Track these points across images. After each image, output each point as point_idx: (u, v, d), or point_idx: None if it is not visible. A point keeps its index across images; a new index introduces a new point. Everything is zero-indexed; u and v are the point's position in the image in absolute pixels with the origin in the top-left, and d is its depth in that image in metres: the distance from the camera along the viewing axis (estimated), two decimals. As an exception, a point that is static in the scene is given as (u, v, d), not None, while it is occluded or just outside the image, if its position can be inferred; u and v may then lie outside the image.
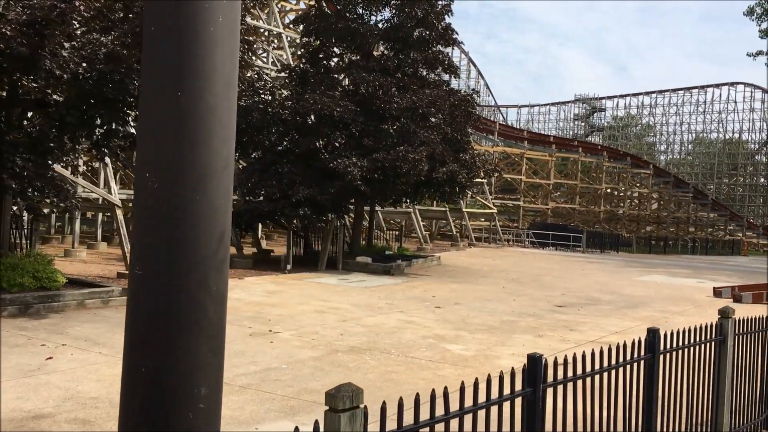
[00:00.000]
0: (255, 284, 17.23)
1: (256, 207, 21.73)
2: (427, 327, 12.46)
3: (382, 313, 13.69)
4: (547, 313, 15.18)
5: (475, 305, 15.84)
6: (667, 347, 5.48)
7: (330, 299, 15.25)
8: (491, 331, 12.47)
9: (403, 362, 9.60)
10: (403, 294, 17.20)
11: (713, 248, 57.26)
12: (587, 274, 26.45)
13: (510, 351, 10.76)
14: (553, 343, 11.66)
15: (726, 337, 6.22)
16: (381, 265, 22.18)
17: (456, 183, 21.47)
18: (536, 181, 52.85)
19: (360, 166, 20.51)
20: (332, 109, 20.85)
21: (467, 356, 10.23)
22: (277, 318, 12.41)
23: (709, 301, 19.84)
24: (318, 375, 8.62)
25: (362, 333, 11.50)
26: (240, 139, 23.14)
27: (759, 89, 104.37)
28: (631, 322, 14.64)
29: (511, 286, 20.49)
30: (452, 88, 24.68)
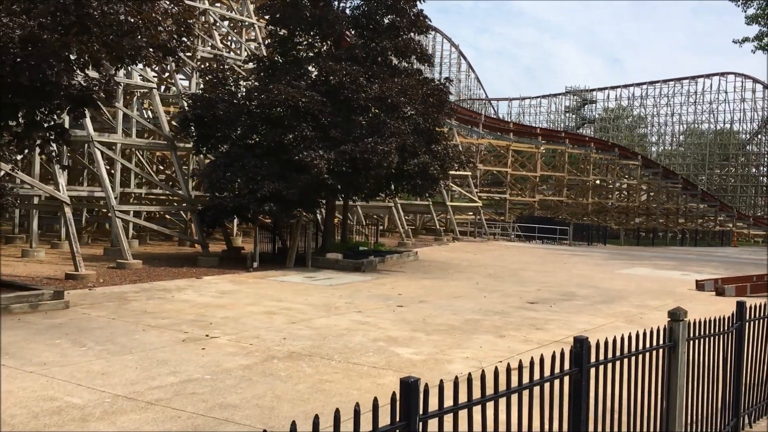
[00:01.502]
0: (211, 284, 16.40)
1: (221, 203, 20.88)
2: (382, 328, 11.66)
3: (338, 314, 12.88)
4: (517, 311, 14.40)
5: (442, 303, 15.05)
6: (601, 359, 4.68)
7: (286, 299, 14.43)
8: (450, 331, 11.67)
9: (343, 369, 8.79)
10: (368, 292, 16.40)
11: (703, 239, 56.61)
12: (568, 268, 25.69)
13: (465, 354, 9.97)
14: (514, 344, 10.87)
15: (677, 343, 5.43)
16: (352, 261, 21.36)
17: (428, 175, 20.63)
18: (523, 174, 52.07)
19: (327, 159, 19.67)
20: (297, 99, 19.99)
21: (416, 361, 9.43)
22: (220, 321, 11.58)
23: (691, 295, 19.12)
24: (242, 387, 7.80)
25: (308, 336, 10.69)
26: (208, 133, 22.34)
27: (750, 79, 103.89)
28: (604, 319, 13.88)
29: (485, 282, 19.71)
30: (426, 78, 23.85)
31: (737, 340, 6.57)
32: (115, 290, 14.53)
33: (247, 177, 20.86)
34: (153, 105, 23.25)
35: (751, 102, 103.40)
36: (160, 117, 22.75)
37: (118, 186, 23.99)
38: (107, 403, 7.01)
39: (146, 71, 22.91)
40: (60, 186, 16.51)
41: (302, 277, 18.87)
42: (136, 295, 13.90)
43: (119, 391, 7.42)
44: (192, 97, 22.18)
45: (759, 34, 35.44)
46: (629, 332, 5.22)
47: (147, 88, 23.25)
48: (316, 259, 21.57)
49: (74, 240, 16.03)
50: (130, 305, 12.70)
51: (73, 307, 12.17)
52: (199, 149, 23.09)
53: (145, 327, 10.79)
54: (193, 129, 22.27)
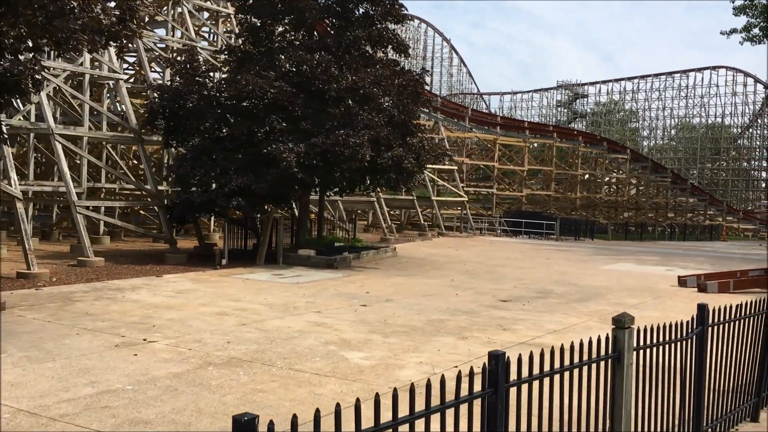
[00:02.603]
0: (169, 283, 15.69)
1: (188, 198, 20.15)
2: (338, 330, 10.99)
3: (295, 314, 12.21)
4: (486, 310, 13.76)
5: (409, 302, 14.40)
6: (525, 376, 4.03)
7: (244, 299, 13.74)
8: (410, 333, 11.02)
9: (283, 377, 8.13)
10: (335, 290, 15.73)
11: (692, 234, 56.16)
12: (550, 264, 25.08)
13: (420, 359, 9.32)
14: (475, 346, 10.23)
15: (622, 353, 4.78)
16: (324, 258, 20.68)
17: (402, 169, 19.94)
18: (510, 168, 51.42)
19: (297, 152, 18.95)
20: (266, 90, 19.26)
21: (364, 367, 8.77)
22: (165, 323, 10.89)
23: (673, 291, 18.54)
24: (163, 398, 7.12)
25: (255, 340, 10.01)
26: (177, 125, 21.60)
27: (741, 73, 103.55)
28: (577, 318, 13.26)
29: (461, 279, 19.07)
30: (403, 68, 23.12)
31: (698, 347, 5.93)
32: (64, 290, 13.81)
33: (216, 171, 20.15)
34: (120, 97, 22.46)
35: (743, 96, 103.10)
36: (127, 109, 21.98)
37: (84, 181, 23.22)
38: (4, 420, 6.33)
39: (113, 62, 22.13)
40: (12, 181, 15.74)
41: (270, 274, 18.18)
42: (84, 296, 13.18)
43: (23, 405, 6.73)
44: (159, 88, 21.43)
45: (747, 25, 34.84)
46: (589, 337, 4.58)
47: (113, 79, 22.45)
48: (288, 256, 20.88)
49: (26, 237, 15.30)
50: (73, 306, 12.00)
51: (11, 308, 11.46)
52: (169, 143, 22.35)
53: (80, 331, 10.09)
54: (161, 122, 21.53)
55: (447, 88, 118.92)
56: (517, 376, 3.97)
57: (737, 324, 6.54)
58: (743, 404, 6.95)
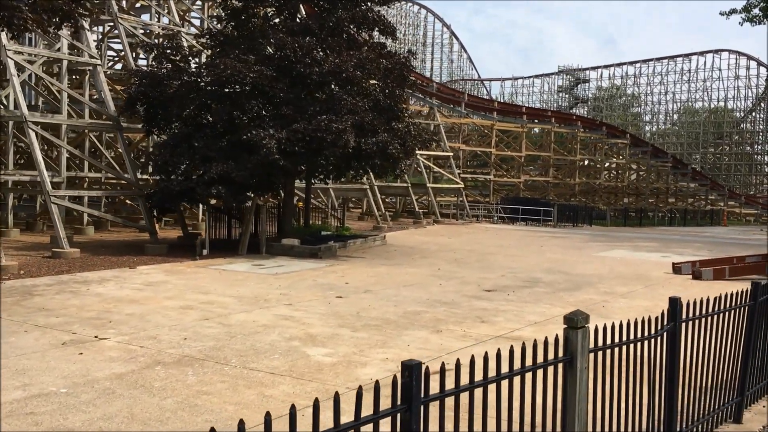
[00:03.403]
0: (141, 274, 15.15)
1: (167, 186, 19.59)
2: (306, 324, 10.45)
3: (264, 308, 11.67)
4: (468, 300, 13.21)
5: (388, 293, 13.85)
6: (449, 388, 3.46)
7: (215, 291, 13.21)
8: (382, 327, 10.47)
9: (234, 377, 7.59)
10: (313, 281, 15.18)
11: (692, 219, 55.47)
12: (543, 251, 24.51)
13: (386, 355, 8.77)
14: (448, 341, 9.68)
15: (575, 356, 4.21)
16: (308, 247, 20.12)
17: (387, 155, 19.31)
18: (507, 154, 50.71)
19: (278, 138, 18.35)
20: (245, 75, 18.63)
21: (325, 365, 8.23)
22: (123, 319, 10.36)
23: (666, 279, 17.97)
24: (97, 403, 6.59)
25: (214, 336, 9.48)
26: (157, 112, 21.00)
27: (744, 56, 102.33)
28: (562, 309, 12.67)
29: (448, 268, 18.52)
30: (389, 51, 22.43)
31: (670, 345, 5.36)
32: (28, 283, 13.28)
33: (196, 158, 19.59)
34: (97, 83, 21.85)
35: (745, 79, 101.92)
36: (105, 96, 21.37)
37: (63, 170, 22.64)
38: None
39: (91, 47, 21.49)
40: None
41: (250, 265, 17.64)
42: (47, 289, 12.66)
43: (-60, 412, 6.20)
44: (137, 73, 20.82)
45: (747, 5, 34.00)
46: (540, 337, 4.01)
47: (91, 65, 21.83)
48: (271, 246, 20.33)
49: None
50: (32, 301, 11.47)
51: (-36, 304, 10.94)
52: (150, 130, 21.77)
53: (29, 327, 9.57)
54: (141, 108, 20.95)
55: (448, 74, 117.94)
56: (440, 389, 3.40)
57: (715, 318, 5.97)
58: (725, 404, 6.40)
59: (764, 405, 7.14)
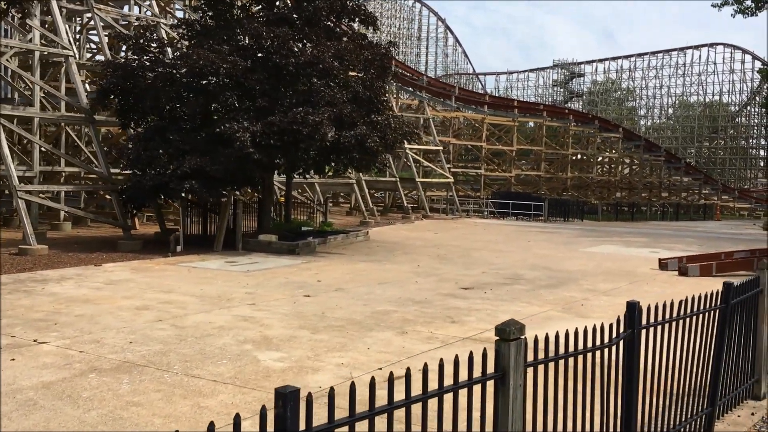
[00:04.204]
0: (105, 272, 14.60)
1: (139, 181, 19.03)
2: (265, 325, 9.92)
3: (225, 308, 11.14)
4: (443, 299, 12.69)
5: (360, 291, 13.32)
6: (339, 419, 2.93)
7: (178, 290, 12.66)
8: (345, 328, 9.95)
9: (172, 385, 7.06)
10: (285, 279, 14.65)
11: (685, 213, 55.02)
12: (530, 247, 24.00)
13: (342, 359, 8.25)
14: (413, 343, 9.16)
15: (507, 372, 3.69)
16: (286, 243, 19.58)
17: (366, 148, 18.75)
18: (498, 148, 50.16)
19: (252, 131, 17.79)
20: (218, 65, 18.05)
21: (274, 371, 7.71)
22: (71, 320, 9.82)
23: (652, 275, 17.48)
24: (13, 416, 6.05)
25: (163, 339, 8.94)
26: (131, 104, 20.41)
27: (739, 50, 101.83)
28: (539, 308, 12.20)
29: (428, 264, 18.00)
30: (370, 42, 21.85)
31: (627, 354, 4.84)
32: (-18, 282, 12.74)
33: (170, 152, 19.04)
34: (69, 74, 21.23)
35: (741, 73, 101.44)
36: (78, 88, 20.76)
37: (36, 164, 22.05)
38: None
39: (62, 38, 20.86)
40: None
41: (222, 262, 17.10)
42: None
43: None
44: (109, 65, 20.21)
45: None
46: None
47: (63, 56, 21.20)
48: (248, 242, 19.79)
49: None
50: (-21, 301, 10.92)
51: None
52: (126, 123, 21.18)
53: (-33, 330, 9.03)
54: (114, 100, 20.37)
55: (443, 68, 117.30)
56: (328, 420, 2.88)
57: (681, 323, 5.45)
58: (694, 415, 5.89)
59: (739, 415, 6.63)
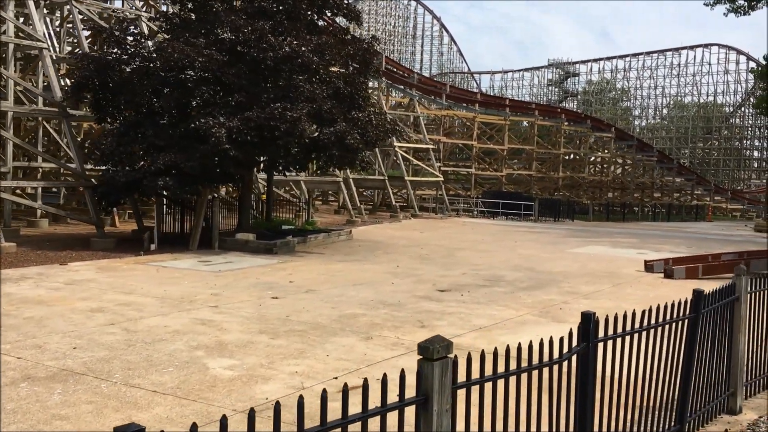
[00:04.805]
0: (69, 272, 14.09)
1: (112, 177, 18.52)
2: (223, 330, 9.44)
3: (185, 310, 10.65)
4: (417, 301, 12.24)
5: (332, 293, 12.85)
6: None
7: (140, 291, 12.17)
8: (307, 333, 9.48)
9: (107, 396, 6.58)
10: (256, 279, 14.17)
11: (677, 214, 54.69)
12: (515, 247, 23.56)
13: (297, 367, 7.78)
14: (376, 349, 8.70)
15: (429, 396, 3.23)
16: (264, 242, 19.09)
17: (345, 145, 18.26)
18: (490, 147, 49.69)
19: (228, 127, 17.29)
20: (193, 59, 17.54)
21: (221, 380, 7.23)
22: (18, 323, 9.32)
23: (636, 277, 17.05)
24: (-77, 430, 5.58)
25: (110, 344, 8.46)
26: (106, 98, 19.87)
27: (734, 50, 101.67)
28: (515, 311, 11.75)
29: (409, 265, 17.54)
30: (354, 37, 21.37)
31: (580, 370, 4.38)
32: (-64, 282, 12.23)
33: (146, 148, 18.55)
34: (44, 67, 20.69)
35: (735, 74, 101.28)
36: (52, 81, 20.20)
37: (10, 160, 21.50)
38: None
39: (36, 30, 20.32)
40: None
41: (196, 261, 16.60)
42: (-47, 288, 11.60)
43: None
44: (84, 57, 19.67)
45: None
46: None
47: (36, 48, 20.67)
48: (225, 240, 19.29)
49: None
50: (-74, 302, 10.42)
51: None
52: (102, 118, 20.64)
53: None
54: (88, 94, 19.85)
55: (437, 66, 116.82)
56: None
57: (645, 335, 5.00)
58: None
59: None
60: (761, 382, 7.23)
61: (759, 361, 7.17)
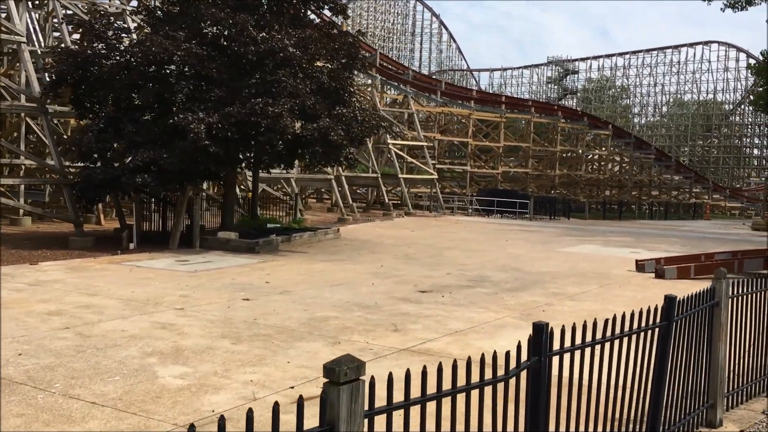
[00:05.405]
0: (37, 272, 13.64)
1: (89, 174, 18.07)
2: (182, 334, 8.99)
3: (148, 313, 10.20)
4: (394, 303, 11.78)
5: (307, 294, 12.40)
6: None
7: (105, 292, 11.72)
8: (272, 337, 9.02)
9: (41, 408, 6.13)
10: (231, 280, 13.72)
11: (674, 212, 54.23)
12: (506, 246, 23.11)
13: (253, 375, 7.32)
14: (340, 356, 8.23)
15: (336, 426, 2.78)
16: (246, 241, 18.64)
17: (329, 142, 17.79)
18: (485, 144, 49.22)
19: (208, 123, 16.83)
20: (172, 53, 17.08)
21: (169, 389, 6.78)
22: (-33, 326, 8.88)
23: (626, 278, 16.58)
24: None
25: (59, 350, 8.01)
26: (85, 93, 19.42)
27: (733, 48, 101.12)
28: (495, 314, 11.29)
29: (392, 264, 17.08)
30: (341, 31, 20.89)
31: (532, 387, 3.92)
32: None
33: (124, 144, 18.10)
34: (21, 62, 20.25)
35: (735, 71, 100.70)
36: (30, 76, 19.77)
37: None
38: None
39: (14, 23, 19.87)
40: None
41: (173, 260, 16.15)
42: None
43: None
44: (63, 52, 19.21)
45: (729, -10, 32.60)
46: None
47: (14, 42, 20.21)
48: (206, 239, 18.85)
49: None
50: None
51: None
52: (83, 113, 20.19)
53: None
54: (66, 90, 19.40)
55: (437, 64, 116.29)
56: None
57: (609, 346, 4.54)
58: (632, 452, 4.99)
59: (687, 449, 5.74)
60: (744, 393, 6.78)
61: (742, 370, 6.72)
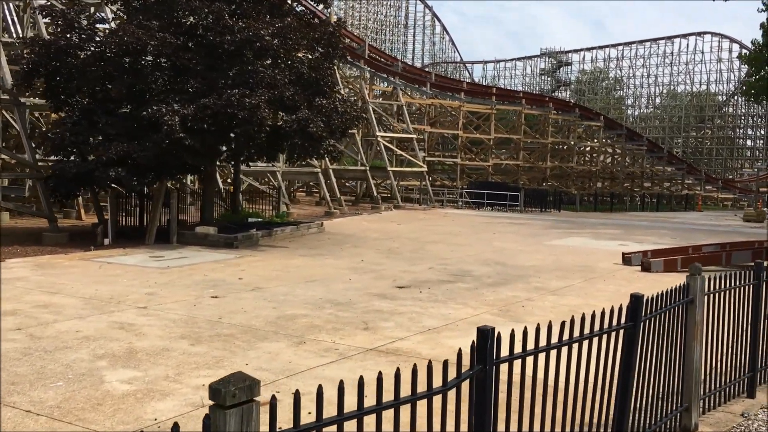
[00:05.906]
0: (3, 270, 13.20)
1: (62, 168, 17.59)
2: (140, 335, 8.58)
3: (108, 312, 9.78)
4: (368, 300, 11.40)
5: (279, 291, 12.00)
6: None
7: (68, 291, 11.29)
8: (235, 337, 8.62)
9: (-30, 417, 5.73)
10: (203, 276, 13.31)
11: (666, 204, 53.98)
12: (492, 240, 22.75)
13: (207, 379, 6.90)
14: (304, 356, 7.85)
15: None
16: (224, 236, 18.21)
17: (308, 134, 17.35)
18: (475, 136, 48.80)
19: (182, 115, 16.38)
20: (145, 42, 16.59)
21: (113, 396, 6.37)
22: None
23: (611, 271, 16.25)
24: None
25: (5, 353, 7.57)
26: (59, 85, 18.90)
27: (727, 39, 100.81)
28: (473, 310, 10.92)
29: (373, 259, 16.70)
30: (322, 20, 20.42)
31: (478, 398, 3.53)
32: None
33: (98, 137, 17.62)
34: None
35: (728, 62, 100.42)
36: (3, 68, 19.24)
37: (-39, 151, 20.55)
38: None
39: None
40: None
41: (147, 256, 15.71)
42: None
43: None
44: (33, 42, 18.68)
45: (719, -22, 32.26)
46: None
47: (-15, 34, 19.70)
48: (183, 234, 18.40)
49: None
50: None
51: None
52: (58, 106, 19.68)
53: None
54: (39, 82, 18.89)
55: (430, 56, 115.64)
56: None
57: (567, 350, 4.16)
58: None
59: (658, 457, 5.37)
60: (722, 395, 6.42)
61: (719, 371, 6.35)
